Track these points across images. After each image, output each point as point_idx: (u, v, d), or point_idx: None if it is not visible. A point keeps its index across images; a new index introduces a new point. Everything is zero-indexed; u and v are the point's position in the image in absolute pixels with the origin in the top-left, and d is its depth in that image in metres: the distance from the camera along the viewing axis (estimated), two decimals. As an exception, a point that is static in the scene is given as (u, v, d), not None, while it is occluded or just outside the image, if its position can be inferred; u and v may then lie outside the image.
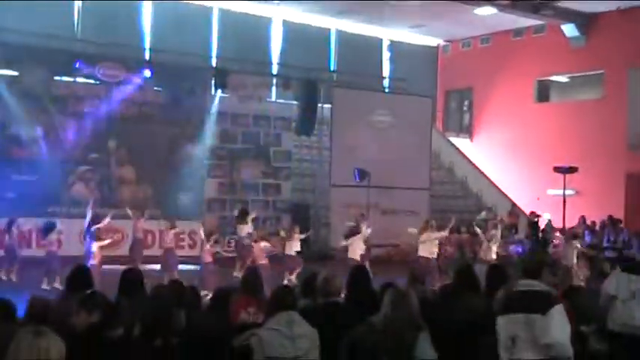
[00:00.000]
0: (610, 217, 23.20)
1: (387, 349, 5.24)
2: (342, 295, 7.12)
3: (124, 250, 18.37)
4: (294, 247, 17.38)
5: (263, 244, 16.58)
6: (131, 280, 7.46)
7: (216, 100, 23.06)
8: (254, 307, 7.46)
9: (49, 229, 16.57)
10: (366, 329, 5.62)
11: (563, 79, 29.98)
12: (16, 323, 5.76)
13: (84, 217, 16.63)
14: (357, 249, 17.17)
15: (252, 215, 19.60)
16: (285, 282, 15.74)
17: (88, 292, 6.95)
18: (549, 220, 24.28)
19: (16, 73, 20.15)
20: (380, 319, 5.89)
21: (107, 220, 16.41)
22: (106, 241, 15.90)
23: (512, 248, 20.79)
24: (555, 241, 22.16)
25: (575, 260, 16.35)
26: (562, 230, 22.15)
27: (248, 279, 7.88)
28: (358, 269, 8.39)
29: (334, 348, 5.67)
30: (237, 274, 17.23)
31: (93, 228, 15.60)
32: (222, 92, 23.06)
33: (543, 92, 30.36)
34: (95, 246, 15.20)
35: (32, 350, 3.80)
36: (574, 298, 8.18)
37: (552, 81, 30.26)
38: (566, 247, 18.07)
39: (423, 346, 5.77)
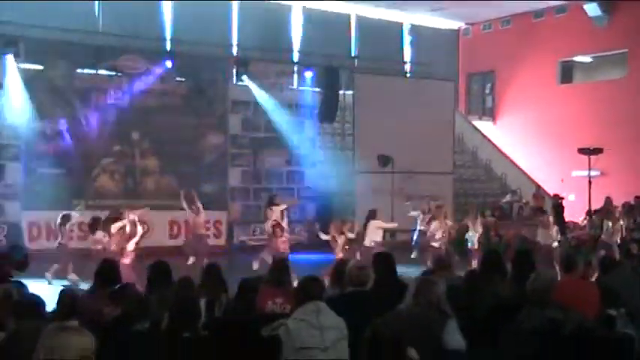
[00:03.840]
0: (637, 198, 22.97)
1: (413, 337, 5.23)
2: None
3: (151, 241, 18.16)
4: None
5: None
6: (159, 272, 7.51)
7: (238, 89, 23.10)
8: (281, 297, 7.48)
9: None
10: (391, 318, 5.62)
11: (586, 59, 29.70)
12: (44, 319, 5.82)
13: (109, 209, 16.70)
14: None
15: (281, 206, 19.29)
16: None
17: (118, 285, 7.03)
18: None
19: (40, 67, 20.30)
20: (405, 308, 5.89)
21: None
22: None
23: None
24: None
25: None
26: (588, 212, 22.04)
27: (275, 269, 7.89)
28: (382, 256, 8.35)
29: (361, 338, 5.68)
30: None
31: None
32: (244, 81, 23.07)
33: (566, 73, 30.10)
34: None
35: (56, 346, 3.84)
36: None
37: (575, 61, 29.99)
38: None
39: (450, 334, 5.77)
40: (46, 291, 7.45)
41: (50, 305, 6.25)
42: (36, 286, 8.44)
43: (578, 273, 8.03)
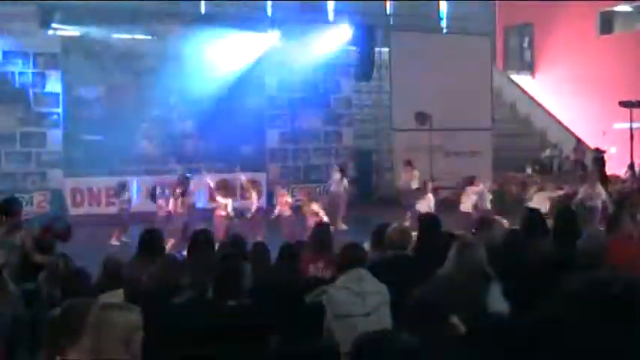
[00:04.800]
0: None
1: (456, 303, 5.19)
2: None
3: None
4: None
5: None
6: (201, 241, 7.56)
7: (274, 50, 23.00)
8: (322, 262, 7.51)
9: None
10: (432, 285, 5.58)
11: (626, 8, 29.07)
12: (91, 291, 5.89)
13: (150, 173, 16.89)
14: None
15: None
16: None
17: (160, 253, 7.10)
18: None
19: (77, 34, 20.35)
20: (446, 273, 5.83)
21: None
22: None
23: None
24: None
25: None
26: (630, 164, 21.81)
27: (317, 234, 7.92)
28: (428, 218, 8.28)
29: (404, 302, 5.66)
30: None
31: None
32: (279, 41, 22.96)
33: (606, 24, 29.51)
34: None
35: (101, 323, 3.88)
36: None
37: (615, 11, 29.38)
38: None
39: (493, 297, 5.72)
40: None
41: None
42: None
43: (624, 230, 7.80)
